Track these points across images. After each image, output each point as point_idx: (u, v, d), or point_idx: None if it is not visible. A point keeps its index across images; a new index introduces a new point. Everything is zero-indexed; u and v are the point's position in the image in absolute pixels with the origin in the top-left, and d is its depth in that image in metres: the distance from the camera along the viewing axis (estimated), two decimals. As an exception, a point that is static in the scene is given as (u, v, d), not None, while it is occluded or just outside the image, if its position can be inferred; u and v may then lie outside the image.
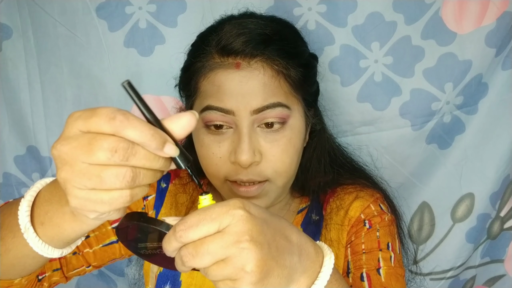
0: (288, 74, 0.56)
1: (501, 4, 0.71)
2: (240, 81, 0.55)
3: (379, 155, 0.80)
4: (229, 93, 0.55)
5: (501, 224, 0.85)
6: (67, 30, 0.75)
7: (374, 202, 0.65)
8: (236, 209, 0.35)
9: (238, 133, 0.55)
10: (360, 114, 0.78)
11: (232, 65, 0.55)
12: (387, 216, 0.64)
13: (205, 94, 0.57)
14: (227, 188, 0.59)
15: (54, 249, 0.43)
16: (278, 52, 0.56)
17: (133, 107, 0.78)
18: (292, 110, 0.57)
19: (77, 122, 0.34)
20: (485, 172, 0.80)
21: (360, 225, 0.63)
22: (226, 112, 0.55)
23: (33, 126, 0.78)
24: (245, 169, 0.55)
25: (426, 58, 0.75)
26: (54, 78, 0.77)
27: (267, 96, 0.55)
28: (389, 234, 0.62)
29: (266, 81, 0.55)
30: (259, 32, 0.56)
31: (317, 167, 0.66)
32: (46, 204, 0.42)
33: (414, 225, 0.84)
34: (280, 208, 0.67)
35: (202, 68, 0.57)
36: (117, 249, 0.65)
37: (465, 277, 0.88)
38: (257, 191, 0.57)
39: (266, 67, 0.55)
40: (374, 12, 0.73)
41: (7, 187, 0.81)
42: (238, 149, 0.55)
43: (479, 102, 0.78)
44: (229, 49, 0.55)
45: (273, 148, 0.56)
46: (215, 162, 0.57)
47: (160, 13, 0.75)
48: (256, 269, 0.34)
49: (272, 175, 0.57)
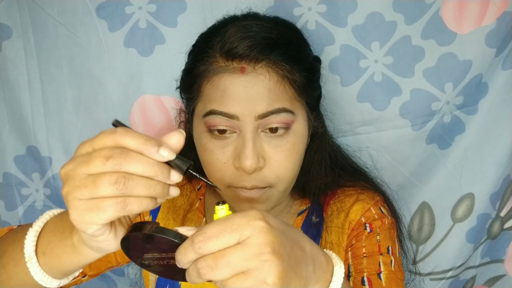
0: (293, 79, 0.56)
1: (501, 4, 0.71)
2: (245, 86, 0.54)
3: (379, 155, 0.80)
4: (234, 97, 0.54)
5: (501, 224, 0.85)
6: (67, 30, 0.75)
7: (375, 205, 0.65)
8: (257, 220, 0.35)
9: (242, 138, 0.55)
10: (360, 114, 0.78)
11: (237, 69, 0.55)
12: (387, 220, 0.64)
13: (209, 98, 0.56)
14: (231, 193, 0.58)
15: (53, 279, 0.44)
16: (284, 57, 0.55)
17: (132, 110, 0.79)
18: (296, 115, 0.57)
19: (84, 145, 0.36)
20: (485, 172, 0.80)
21: (361, 228, 0.63)
22: (230, 117, 0.54)
23: (33, 126, 0.78)
24: (249, 175, 0.55)
25: (426, 58, 0.75)
26: (54, 78, 0.77)
27: (271, 102, 0.54)
28: (389, 238, 0.62)
29: (271, 86, 0.55)
30: (264, 36, 0.56)
31: (318, 169, 0.66)
32: (51, 234, 0.43)
33: (414, 225, 0.84)
34: (281, 211, 0.67)
35: (206, 71, 0.57)
36: (112, 257, 0.65)
37: (465, 277, 0.88)
38: (259, 193, 0.57)
39: (271, 72, 0.55)
40: (374, 12, 0.73)
41: (7, 187, 0.81)
42: (242, 154, 0.54)
43: (479, 102, 0.78)
44: (234, 53, 0.55)
45: (276, 153, 0.56)
46: (219, 168, 0.57)
47: (160, 13, 0.74)
48: (277, 281, 0.34)
49: (274, 180, 0.57)
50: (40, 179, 0.81)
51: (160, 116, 0.79)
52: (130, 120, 0.79)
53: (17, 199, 0.81)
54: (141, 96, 0.78)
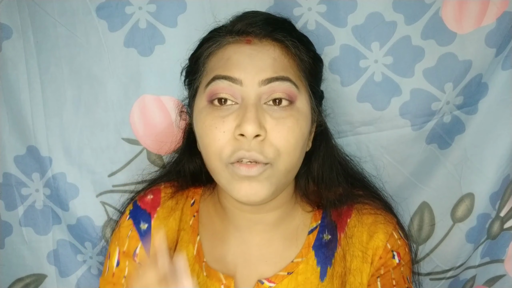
0: (298, 56, 0.57)
1: (501, 4, 0.71)
2: (250, 53, 0.54)
3: (379, 155, 0.80)
4: (237, 63, 0.54)
5: (501, 224, 0.85)
6: (67, 30, 0.75)
7: (395, 229, 0.63)
8: None
9: (245, 105, 0.53)
10: (360, 114, 0.78)
11: (242, 41, 0.55)
12: (407, 246, 0.63)
13: (213, 69, 0.56)
14: (228, 173, 0.55)
15: None
16: (290, 34, 0.57)
17: (132, 110, 0.79)
18: (300, 93, 0.56)
19: None
20: (485, 172, 0.80)
21: (389, 256, 0.61)
22: (233, 81, 0.53)
23: (33, 126, 0.78)
24: (249, 143, 0.52)
25: (426, 58, 0.75)
26: (54, 78, 0.77)
27: (277, 69, 0.54)
28: (408, 267, 0.62)
29: (276, 57, 0.55)
30: (270, 16, 0.58)
31: (330, 174, 0.64)
32: None
33: (414, 225, 0.84)
34: (297, 226, 0.64)
35: (211, 48, 0.58)
36: None
37: (465, 277, 0.88)
38: (258, 171, 0.53)
39: (277, 46, 0.56)
40: (374, 12, 0.73)
41: (7, 187, 0.81)
42: (244, 118, 0.52)
43: (479, 102, 0.78)
44: (240, 29, 0.56)
45: (279, 125, 0.53)
46: (218, 138, 0.54)
47: (160, 13, 0.74)
48: None
49: (275, 155, 0.53)
50: (40, 179, 0.81)
51: (160, 116, 0.79)
52: (130, 120, 0.79)
53: (17, 199, 0.81)
54: (141, 96, 0.78)
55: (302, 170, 0.63)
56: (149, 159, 0.81)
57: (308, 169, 0.64)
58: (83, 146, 0.79)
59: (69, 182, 0.80)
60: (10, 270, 0.83)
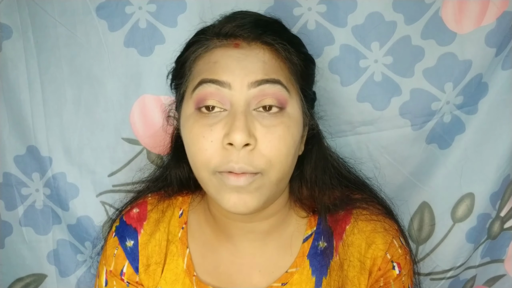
0: (289, 59, 0.54)
1: (501, 4, 0.71)
2: (238, 57, 0.52)
3: (379, 155, 0.80)
4: (225, 66, 0.51)
5: (501, 224, 0.85)
6: (67, 30, 0.75)
7: (395, 236, 0.61)
8: None
9: (233, 112, 0.51)
10: (360, 114, 0.78)
11: (230, 45, 0.53)
12: (408, 255, 0.61)
13: (199, 72, 0.54)
14: (216, 181, 0.52)
15: None
16: (280, 36, 0.54)
17: (132, 110, 0.79)
18: (291, 98, 0.54)
19: None
20: (485, 172, 0.80)
21: (388, 267, 0.59)
22: (221, 85, 0.51)
23: (33, 126, 0.78)
24: (238, 154, 0.50)
25: (426, 58, 0.75)
26: (54, 78, 0.77)
27: (267, 72, 0.52)
28: (409, 276, 0.61)
29: (266, 60, 0.52)
30: (259, 18, 0.55)
31: (323, 177, 0.62)
32: None
33: (414, 225, 0.84)
34: (292, 234, 0.62)
35: (198, 51, 0.55)
36: None
37: (465, 277, 0.88)
38: (248, 180, 0.50)
39: (266, 49, 0.53)
40: (374, 12, 0.73)
41: (7, 187, 0.81)
42: (232, 127, 0.49)
43: (479, 102, 0.78)
44: (227, 32, 0.54)
45: (269, 133, 0.51)
46: (205, 147, 0.51)
47: (160, 13, 0.75)
48: None
49: (265, 165, 0.51)
50: (40, 179, 0.81)
51: (160, 116, 0.79)
52: (130, 120, 0.79)
53: (17, 199, 0.81)
54: (141, 96, 0.78)
55: (295, 173, 0.60)
56: (149, 159, 0.81)
57: (301, 172, 0.62)
58: (83, 146, 0.79)
59: (69, 182, 0.81)
60: (10, 270, 0.83)
